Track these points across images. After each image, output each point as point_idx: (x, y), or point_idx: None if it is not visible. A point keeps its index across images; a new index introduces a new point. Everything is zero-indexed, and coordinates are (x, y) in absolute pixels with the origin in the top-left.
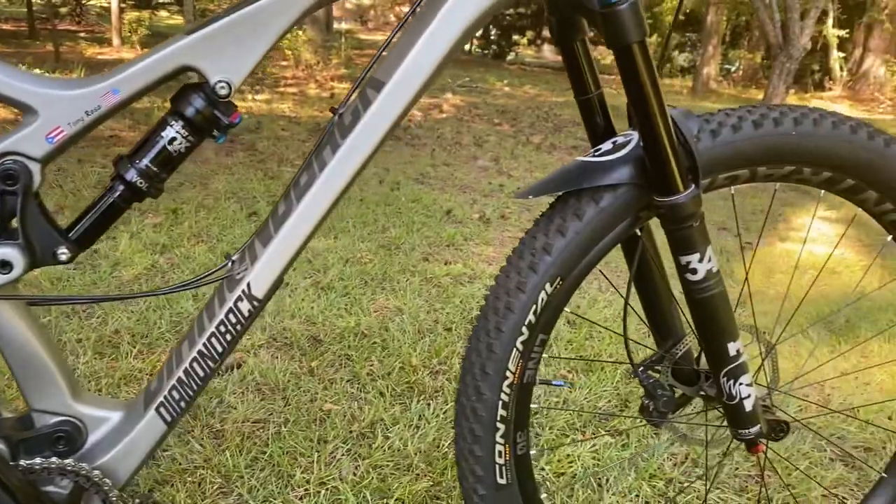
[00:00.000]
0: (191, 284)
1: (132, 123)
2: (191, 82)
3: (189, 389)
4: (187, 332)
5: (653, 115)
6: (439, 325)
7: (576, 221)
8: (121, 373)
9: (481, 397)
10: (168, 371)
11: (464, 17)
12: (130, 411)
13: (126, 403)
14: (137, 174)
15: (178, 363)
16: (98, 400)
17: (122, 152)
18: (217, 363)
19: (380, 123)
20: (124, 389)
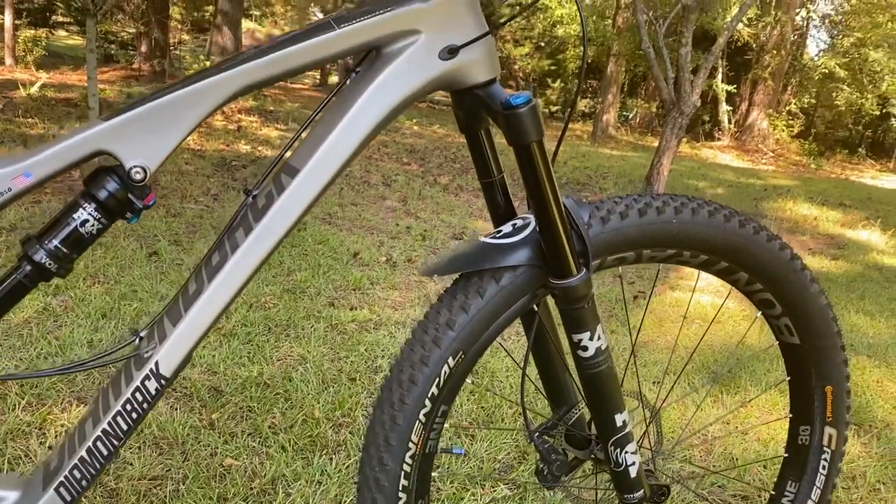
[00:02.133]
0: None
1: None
2: (105, 165)
3: (91, 468)
4: (90, 409)
5: (549, 206)
6: (343, 374)
7: (478, 299)
8: (7, 427)
9: (384, 468)
10: (69, 449)
11: (381, 107)
12: (27, 490)
13: (23, 481)
14: (46, 255)
15: (81, 441)
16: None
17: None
18: (122, 441)
19: (292, 209)
20: (10, 445)
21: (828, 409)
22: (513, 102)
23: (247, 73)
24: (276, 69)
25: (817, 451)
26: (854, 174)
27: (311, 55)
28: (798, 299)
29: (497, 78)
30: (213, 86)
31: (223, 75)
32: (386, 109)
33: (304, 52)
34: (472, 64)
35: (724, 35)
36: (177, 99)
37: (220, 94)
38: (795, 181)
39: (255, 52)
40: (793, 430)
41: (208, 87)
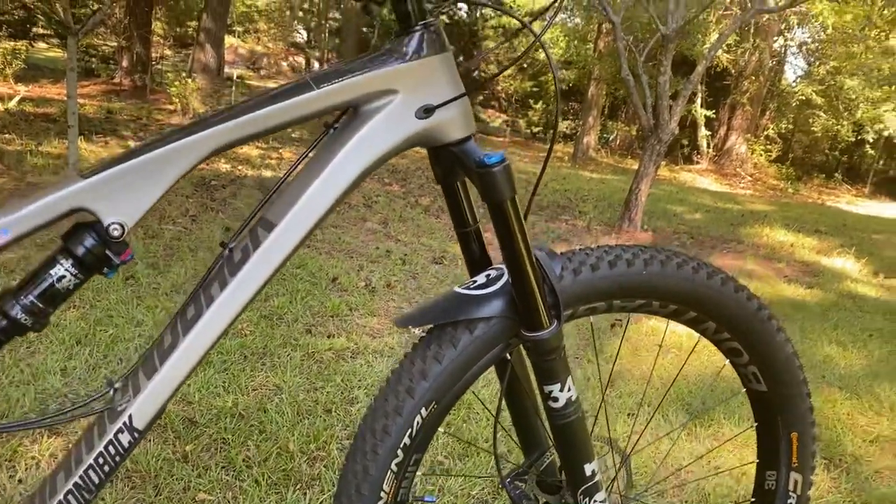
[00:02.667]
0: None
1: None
2: (83, 221)
3: None
4: (62, 461)
5: (521, 261)
6: (319, 406)
7: (451, 349)
8: None
9: None
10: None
11: (359, 164)
12: None
13: None
14: (22, 310)
15: (52, 495)
16: None
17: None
18: (93, 495)
19: (268, 264)
20: None
21: (793, 455)
22: (486, 161)
23: (226, 132)
24: (254, 128)
25: (783, 496)
26: (830, 199)
27: (291, 114)
28: (765, 348)
29: (472, 135)
30: (193, 144)
31: (203, 134)
32: (363, 166)
33: (283, 111)
34: (448, 122)
35: (703, 63)
36: (157, 157)
37: (199, 152)
38: (772, 206)
39: (235, 112)
40: (759, 475)
41: (188, 146)
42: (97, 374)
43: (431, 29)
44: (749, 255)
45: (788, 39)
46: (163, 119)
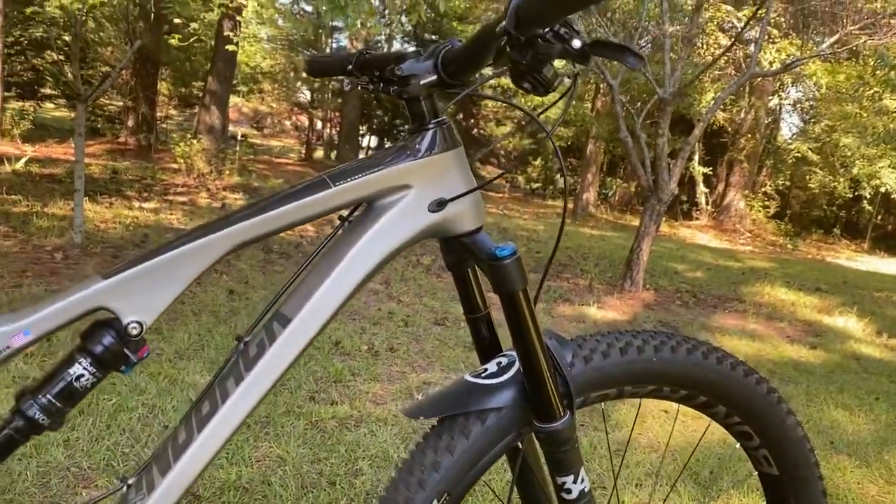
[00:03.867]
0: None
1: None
2: (101, 319)
3: None
4: None
5: (534, 353)
6: (323, 478)
7: (463, 440)
8: None
9: None
10: None
11: (373, 257)
12: None
13: None
14: (39, 410)
15: None
16: None
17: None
18: None
19: (284, 358)
20: None
21: None
22: (498, 254)
23: (243, 231)
24: (272, 226)
25: None
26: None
27: (307, 212)
28: (775, 431)
29: (482, 227)
30: (211, 243)
31: (221, 233)
32: (377, 260)
33: (299, 209)
34: (460, 215)
35: (701, 126)
36: (176, 256)
37: (217, 251)
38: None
39: (252, 210)
40: None
41: (206, 245)
42: (100, 445)
43: (444, 126)
44: (751, 314)
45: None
46: (167, 179)
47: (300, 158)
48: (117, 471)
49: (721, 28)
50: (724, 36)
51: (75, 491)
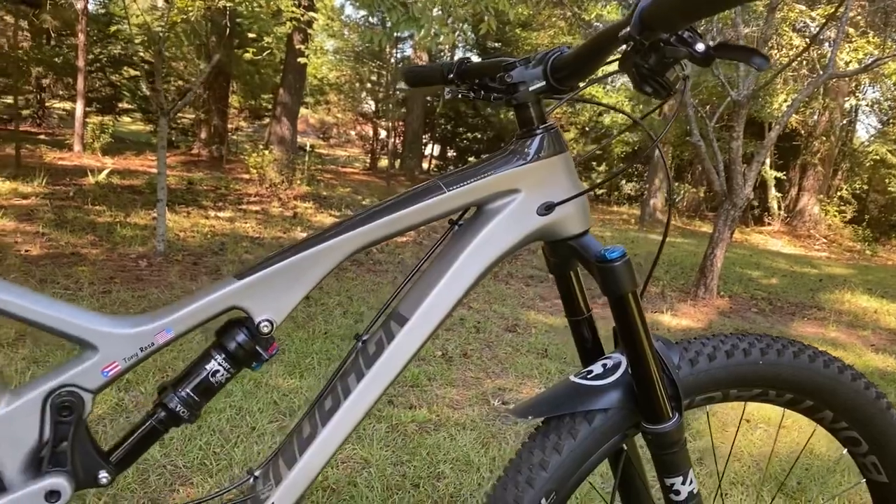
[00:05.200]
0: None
1: None
2: (235, 318)
3: None
4: None
5: (643, 354)
6: (407, 480)
7: (570, 440)
8: None
9: None
10: None
11: (484, 260)
12: None
13: None
14: (180, 403)
15: None
16: None
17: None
18: None
19: (402, 355)
20: None
21: None
22: (608, 256)
23: (363, 235)
24: (390, 229)
25: None
26: None
27: (422, 216)
28: (884, 438)
29: (588, 229)
30: (335, 246)
31: (343, 237)
32: (488, 262)
33: (415, 213)
34: (567, 218)
35: (777, 129)
36: (302, 259)
37: (340, 253)
38: (851, 269)
39: (371, 214)
40: None
41: (330, 248)
42: (192, 444)
43: (551, 131)
44: (831, 322)
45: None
46: (240, 189)
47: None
48: (210, 469)
49: (794, 28)
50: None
51: (172, 488)
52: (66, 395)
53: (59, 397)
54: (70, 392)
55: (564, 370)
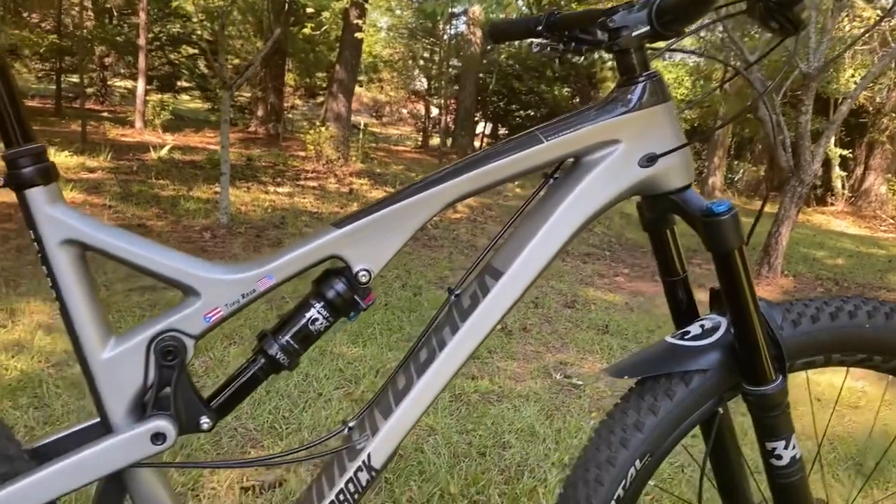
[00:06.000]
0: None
1: None
2: (333, 268)
3: None
4: (304, 497)
5: (748, 313)
6: (473, 448)
7: (667, 401)
8: None
9: None
10: None
11: (582, 213)
12: None
13: None
14: (279, 349)
15: None
16: None
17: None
18: None
19: (496, 309)
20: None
21: None
22: (715, 210)
23: (460, 186)
24: (487, 180)
25: None
26: None
27: (519, 166)
28: None
29: (691, 183)
30: (432, 196)
31: (440, 187)
32: (586, 216)
33: (512, 164)
34: (670, 171)
35: (848, 103)
36: (400, 208)
37: (437, 203)
38: None
39: (468, 165)
40: None
41: (427, 198)
42: (262, 409)
43: (654, 79)
44: None
45: None
46: (298, 165)
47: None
48: (280, 433)
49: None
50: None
51: (244, 450)
52: (170, 339)
53: (162, 342)
54: (173, 337)
55: (627, 346)
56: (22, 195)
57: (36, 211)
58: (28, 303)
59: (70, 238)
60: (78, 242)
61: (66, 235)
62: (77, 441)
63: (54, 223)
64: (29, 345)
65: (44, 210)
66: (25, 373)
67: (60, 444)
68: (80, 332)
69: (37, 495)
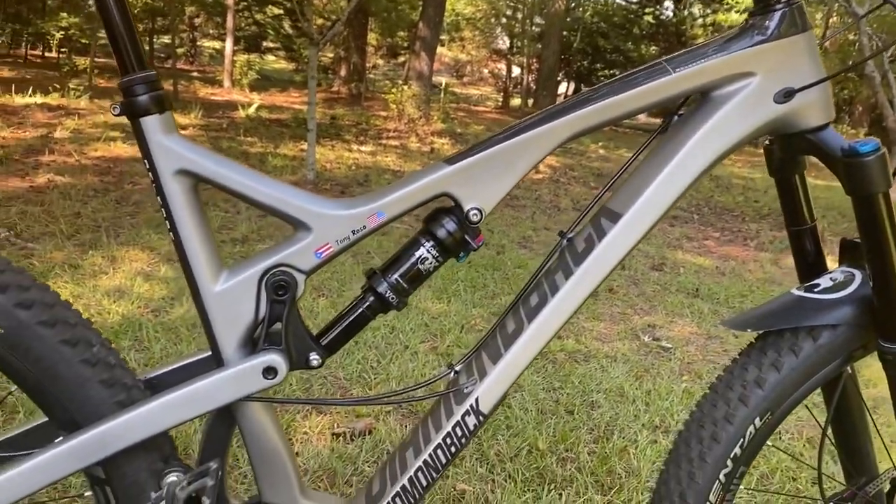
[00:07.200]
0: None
1: None
2: (443, 206)
3: (411, 497)
4: (410, 438)
5: (890, 264)
6: (560, 406)
7: (791, 357)
8: None
9: None
10: (392, 476)
11: (709, 153)
12: None
13: (347, 502)
14: (389, 288)
15: (403, 470)
16: (322, 497)
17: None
18: (440, 473)
19: (614, 253)
20: None
21: None
22: (860, 150)
23: (578, 121)
24: (609, 114)
25: None
26: None
27: (644, 100)
28: None
29: (831, 122)
30: (548, 132)
31: (557, 122)
32: (714, 155)
33: (635, 97)
34: (809, 107)
35: None
36: (514, 145)
37: (553, 140)
38: None
39: (587, 99)
40: None
41: (543, 133)
42: (351, 359)
43: (795, 6)
44: None
45: None
46: (380, 125)
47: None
48: (368, 382)
49: None
50: None
51: (334, 396)
52: (281, 274)
53: (274, 276)
54: (284, 272)
55: (718, 311)
56: (137, 123)
57: (150, 140)
58: (127, 251)
59: (184, 168)
60: (191, 173)
61: (180, 166)
62: (188, 373)
63: (168, 153)
64: (129, 291)
65: (158, 139)
66: (126, 317)
67: (172, 375)
68: (193, 265)
69: (152, 424)
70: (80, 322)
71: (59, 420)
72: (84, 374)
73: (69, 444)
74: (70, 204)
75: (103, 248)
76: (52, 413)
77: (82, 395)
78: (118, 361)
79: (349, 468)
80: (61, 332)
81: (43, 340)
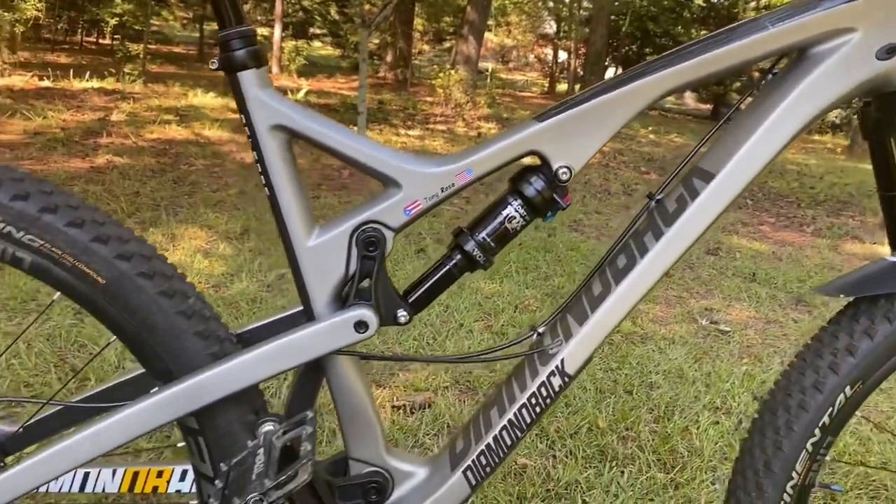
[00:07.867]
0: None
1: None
2: (530, 165)
3: (495, 456)
4: (494, 398)
5: None
6: (619, 386)
7: (885, 325)
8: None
9: (762, 495)
10: (476, 435)
11: (806, 112)
12: (435, 470)
13: (430, 460)
14: (476, 246)
15: (488, 429)
16: (405, 455)
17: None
18: (524, 433)
19: (707, 213)
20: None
21: None
22: None
23: (672, 77)
24: (704, 71)
25: None
26: None
27: (741, 56)
28: None
29: None
30: (643, 87)
31: (651, 77)
32: (813, 113)
33: (731, 53)
34: None
35: None
36: (606, 101)
37: (647, 96)
38: None
39: (680, 55)
40: None
41: (637, 90)
42: (407, 335)
43: None
44: None
45: None
46: (427, 109)
47: (543, 92)
48: None
49: None
50: None
51: (392, 372)
52: (372, 230)
53: (364, 232)
54: (375, 228)
55: (776, 296)
56: (234, 78)
57: (247, 94)
58: (186, 229)
59: (279, 123)
60: (286, 128)
61: (276, 121)
62: (279, 328)
63: (265, 107)
64: (189, 267)
65: (254, 93)
66: None
67: (264, 329)
68: (287, 219)
69: (244, 376)
70: (176, 275)
71: (154, 370)
72: (180, 326)
73: (164, 393)
74: (129, 184)
75: (163, 225)
76: (148, 363)
77: (178, 346)
78: (212, 314)
79: (410, 440)
80: (159, 284)
81: (142, 291)
